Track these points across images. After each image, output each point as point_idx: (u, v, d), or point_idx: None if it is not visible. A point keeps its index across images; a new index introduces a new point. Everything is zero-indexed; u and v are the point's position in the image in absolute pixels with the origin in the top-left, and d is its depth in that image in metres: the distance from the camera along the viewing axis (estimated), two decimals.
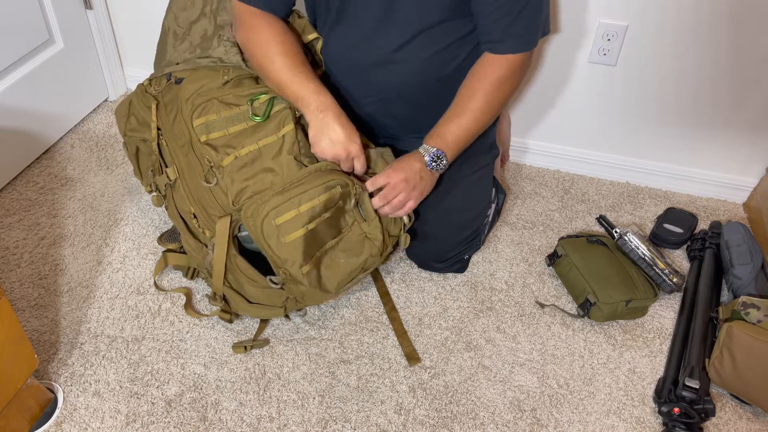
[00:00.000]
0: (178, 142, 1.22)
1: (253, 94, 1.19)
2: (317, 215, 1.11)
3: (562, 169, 1.75)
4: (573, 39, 1.51)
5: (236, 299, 1.22)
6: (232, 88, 1.21)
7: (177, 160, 1.22)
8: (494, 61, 1.19)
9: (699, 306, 1.32)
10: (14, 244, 1.44)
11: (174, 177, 1.23)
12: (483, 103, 1.20)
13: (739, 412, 1.20)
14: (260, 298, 1.21)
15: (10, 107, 1.57)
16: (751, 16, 1.37)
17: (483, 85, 1.19)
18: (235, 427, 1.13)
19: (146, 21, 1.80)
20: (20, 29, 1.56)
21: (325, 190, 1.11)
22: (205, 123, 1.17)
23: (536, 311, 1.36)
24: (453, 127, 1.21)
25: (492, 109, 1.22)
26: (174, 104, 1.23)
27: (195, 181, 1.19)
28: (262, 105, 1.19)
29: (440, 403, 1.19)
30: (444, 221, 1.35)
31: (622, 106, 1.60)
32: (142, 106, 1.29)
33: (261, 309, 1.23)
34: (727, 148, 1.60)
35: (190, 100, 1.20)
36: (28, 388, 1.07)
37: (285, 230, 1.09)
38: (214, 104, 1.18)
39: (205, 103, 1.18)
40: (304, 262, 1.11)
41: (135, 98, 1.32)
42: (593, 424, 1.17)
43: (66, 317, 1.30)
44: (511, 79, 1.20)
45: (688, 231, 1.52)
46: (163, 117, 1.25)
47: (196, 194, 1.19)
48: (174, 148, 1.23)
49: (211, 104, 1.18)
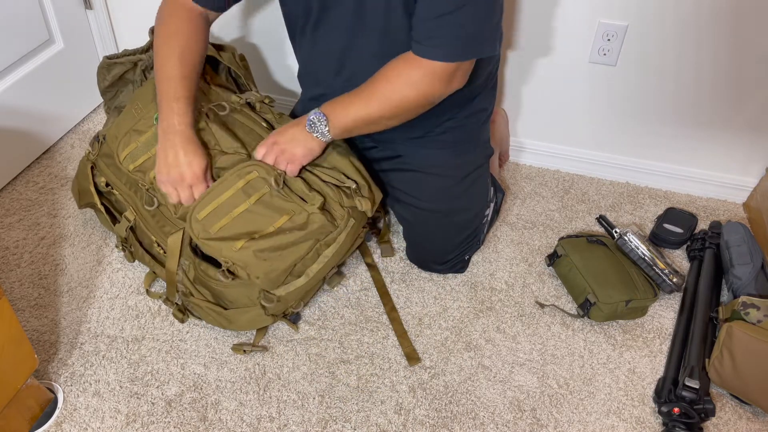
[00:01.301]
0: (125, 185, 1.29)
1: (155, 112, 1.23)
2: (240, 202, 1.15)
3: (562, 169, 1.75)
4: (573, 39, 1.51)
5: (216, 313, 1.23)
6: (142, 113, 1.27)
7: (131, 201, 1.29)
8: (411, 59, 1.09)
9: (699, 306, 1.32)
10: (14, 244, 1.44)
11: (132, 217, 1.29)
12: (381, 95, 1.12)
13: (739, 412, 1.20)
14: (236, 298, 1.20)
15: (10, 107, 1.57)
16: (751, 16, 1.37)
17: (389, 77, 1.11)
18: (235, 427, 1.13)
19: (146, 21, 1.80)
20: (20, 29, 1.56)
21: (240, 177, 1.15)
22: (129, 153, 1.24)
23: (536, 311, 1.36)
24: (350, 104, 1.14)
25: (389, 107, 1.12)
26: (109, 156, 1.30)
27: (150, 211, 1.26)
28: None
29: (440, 403, 1.19)
30: (442, 223, 1.35)
31: (622, 106, 1.60)
32: (84, 175, 1.36)
33: (244, 315, 1.21)
34: (727, 148, 1.60)
35: (117, 143, 1.27)
36: (28, 388, 1.07)
37: (210, 221, 1.14)
38: (132, 135, 1.25)
39: (124, 137, 1.25)
40: (238, 242, 1.13)
41: (80, 170, 1.39)
42: (593, 424, 1.17)
43: (66, 317, 1.30)
44: (422, 85, 1.10)
45: (688, 231, 1.52)
46: (106, 173, 1.32)
47: (152, 224, 1.26)
48: (124, 192, 1.29)
49: (129, 136, 1.25)
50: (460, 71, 1.10)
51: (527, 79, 1.62)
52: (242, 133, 1.25)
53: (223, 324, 1.24)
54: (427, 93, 1.11)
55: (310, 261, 1.19)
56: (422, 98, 1.12)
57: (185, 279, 1.23)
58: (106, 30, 1.81)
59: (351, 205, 1.21)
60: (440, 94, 1.12)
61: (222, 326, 1.24)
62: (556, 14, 1.48)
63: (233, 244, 1.13)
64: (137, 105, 1.28)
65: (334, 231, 1.20)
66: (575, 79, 1.58)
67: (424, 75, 1.09)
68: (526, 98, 1.65)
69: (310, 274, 1.19)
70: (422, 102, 1.13)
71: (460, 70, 1.10)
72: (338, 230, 1.20)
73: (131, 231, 1.32)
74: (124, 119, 1.28)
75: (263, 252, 1.14)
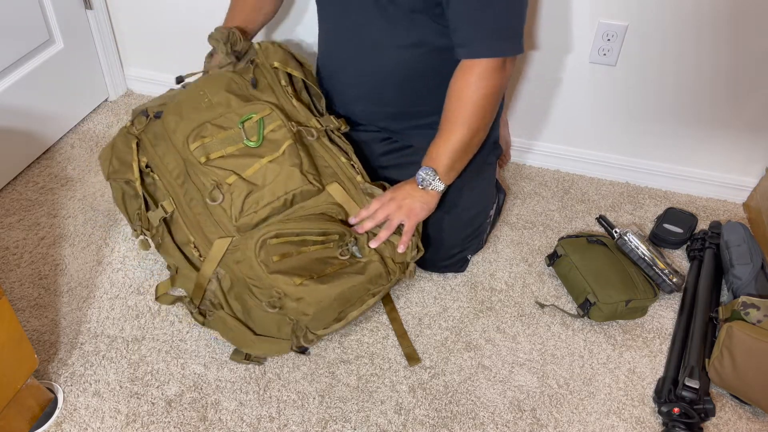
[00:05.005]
0: (172, 174, 1.23)
1: (242, 114, 1.21)
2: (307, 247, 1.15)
3: (562, 169, 1.75)
4: (573, 39, 1.51)
5: (241, 333, 1.18)
6: (222, 108, 1.23)
7: (173, 191, 1.22)
8: (464, 69, 1.19)
9: (699, 306, 1.32)
10: (14, 244, 1.44)
11: (171, 209, 1.22)
12: (460, 116, 1.20)
13: (739, 412, 1.20)
14: (267, 326, 1.16)
15: (10, 107, 1.57)
16: (751, 16, 1.37)
17: (461, 96, 1.19)
18: (235, 427, 1.13)
19: (146, 21, 1.80)
20: (20, 29, 1.56)
21: (321, 235, 1.16)
22: (201, 145, 1.19)
23: (536, 311, 1.36)
24: (440, 143, 1.22)
25: (474, 120, 1.20)
26: (161, 138, 1.24)
27: (194, 209, 1.20)
28: (254, 126, 1.21)
29: (440, 403, 1.19)
30: (448, 218, 1.35)
31: (622, 106, 1.60)
32: (125, 147, 1.29)
33: (268, 343, 1.18)
34: (727, 148, 1.60)
35: (180, 129, 1.21)
36: (28, 388, 1.07)
37: (276, 250, 1.12)
38: (207, 127, 1.20)
39: (198, 128, 1.20)
40: (297, 278, 1.11)
41: (118, 140, 1.31)
42: (593, 424, 1.17)
43: (66, 317, 1.30)
44: (485, 83, 1.18)
45: (688, 231, 1.52)
46: (150, 153, 1.25)
47: (195, 222, 1.19)
48: (169, 180, 1.23)
49: (203, 128, 1.20)
50: (508, 58, 1.20)
51: (527, 79, 1.62)
52: (320, 165, 1.24)
53: (239, 342, 1.18)
54: (494, 87, 1.19)
55: (353, 307, 1.18)
56: (491, 95, 1.20)
57: (218, 289, 1.18)
58: (106, 30, 1.81)
59: (402, 260, 1.22)
60: (503, 83, 1.21)
61: (237, 344, 1.19)
62: (555, 14, 1.48)
63: (292, 279, 1.10)
64: (203, 91, 1.24)
65: (387, 284, 1.20)
66: (575, 79, 1.58)
67: (481, 74, 1.17)
68: (526, 98, 1.65)
69: (349, 318, 1.18)
70: (494, 98, 1.21)
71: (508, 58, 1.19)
72: (389, 284, 1.21)
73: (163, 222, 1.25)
74: (188, 104, 1.24)
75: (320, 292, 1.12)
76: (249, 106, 1.23)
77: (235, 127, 1.20)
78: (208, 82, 1.28)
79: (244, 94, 1.26)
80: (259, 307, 1.14)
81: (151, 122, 1.27)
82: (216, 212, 1.17)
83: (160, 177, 1.24)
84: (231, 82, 1.27)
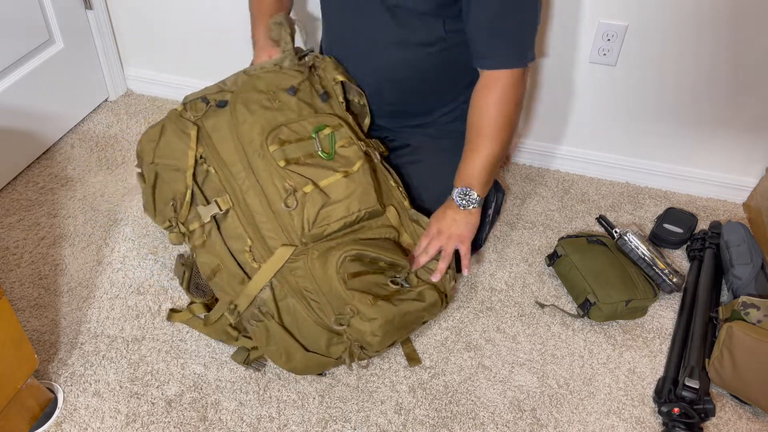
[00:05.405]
0: (231, 169, 1.16)
1: (316, 124, 1.19)
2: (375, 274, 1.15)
3: (562, 169, 1.75)
4: (573, 39, 1.51)
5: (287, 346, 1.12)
6: (293, 113, 1.20)
7: (231, 188, 1.16)
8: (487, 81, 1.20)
9: (699, 306, 1.32)
10: (14, 244, 1.44)
11: (226, 207, 1.15)
12: (488, 130, 1.21)
13: (739, 412, 1.20)
14: (317, 343, 1.12)
15: (10, 107, 1.57)
16: (751, 16, 1.37)
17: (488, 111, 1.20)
18: (235, 427, 1.13)
19: (146, 21, 1.80)
20: (20, 29, 1.56)
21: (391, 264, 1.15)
22: (281, 148, 1.15)
23: (536, 311, 1.36)
24: (473, 160, 1.23)
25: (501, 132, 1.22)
26: (225, 129, 1.18)
27: (254, 210, 1.14)
28: (326, 138, 1.19)
29: (440, 403, 1.19)
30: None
31: (622, 106, 1.60)
32: (177, 132, 1.21)
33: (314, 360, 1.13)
34: (727, 148, 1.60)
35: (250, 124, 1.17)
36: (28, 388, 1.07)
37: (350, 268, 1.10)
38: (284, 131, 1.17)
39: (275, 130, 1.16)
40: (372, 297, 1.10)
41: (168, 124, 1.23)
42: (593, 424, 1.17)
43: (66, 317, 1.30)
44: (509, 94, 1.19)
45: (688, 231, 1.52)
46: (207, 144, 1.19)
47: (253, 225, 1.14)
48: (226, 176, 1.17)
49: (280, 131, 1.17)
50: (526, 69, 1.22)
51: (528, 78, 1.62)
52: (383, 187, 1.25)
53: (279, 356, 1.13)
54: (520, 96, 1.21)
55: (406, 332, 1.19)
56: (518, 104, 1.22)
57: (271, 299, 1.12)
58: (106, 30, 1.81)
59: (444, 289, 1.22)
60: (524, 91, 1.23)
61: (274, 357, 1.14)
62: (556, 14, 1.48)
63: (368, 297, 1.09)
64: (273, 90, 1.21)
65: (438, 312, 1.21)
66: (575, 79, 1.58)
67: (507, 86, 1.19)
68: (526, 98, 1.65)
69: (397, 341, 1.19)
70: (519, 108, 1.23)
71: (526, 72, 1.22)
72: (440, 312, 1.22)
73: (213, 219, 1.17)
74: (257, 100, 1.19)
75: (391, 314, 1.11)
76: (320, 117, 1.21)
77: (310, 136, 1.18)
78: (276, 79, 1.23)
79: (311, 103, 1.23)
80: (313, 323, 1.10)
81: (211, 110, 1.20)
82: (283, 218, 1.13)
83: (216, 170, 1.17)
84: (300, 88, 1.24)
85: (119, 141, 1.75)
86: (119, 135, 1.78)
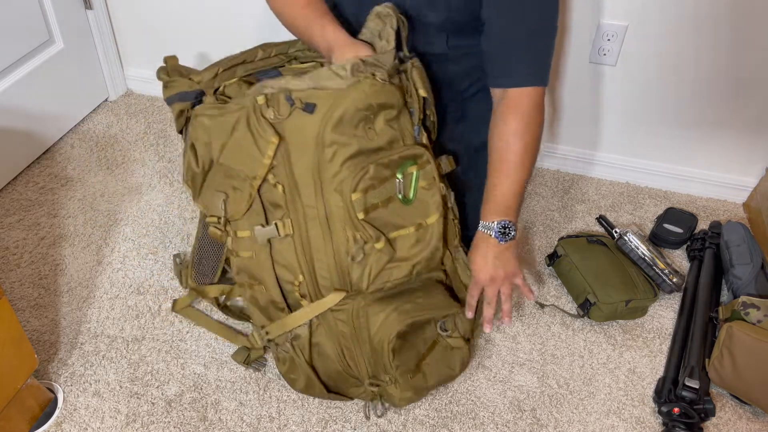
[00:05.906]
0: (302, 190, 1.03)
1: (405, 158, 1.05)
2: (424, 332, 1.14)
3: (562, 169, 1.75)
4: (573, 39, 1.51)
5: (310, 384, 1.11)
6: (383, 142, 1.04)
7: (295, 215, 1.04)
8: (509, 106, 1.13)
9: (699, 306, 1.32)
10: (14, 244, 1.44)
11: (285, 234, 1.04)
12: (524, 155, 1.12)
13: (739, 412, 1.20)
14: (341, 385, 1.13)
15: (10, 107, 1.57)
16: (751, 16, 1.37)
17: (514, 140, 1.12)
18: (235, 427, 1.13)
19: (146, 21, 1.80)
20: (20, 29, 1.56)
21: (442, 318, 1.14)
22: (363, 198, 1.01)
23: (536, 311, 1.36)
24: (504, 188, 1.13)
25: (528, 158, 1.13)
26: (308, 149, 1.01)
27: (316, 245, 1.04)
28: (409, 178, 1.06)
29: (440, 403, 1.19)
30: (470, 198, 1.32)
31: (622, 106, 1.60)
32: (254, 135, 1.01)
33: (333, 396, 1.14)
34: (727, 148, 1.60)
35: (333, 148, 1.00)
36: (28, 388, 1.07)
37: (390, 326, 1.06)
38: (370, 171, 1.01)
39: (362, 172, 1.00)
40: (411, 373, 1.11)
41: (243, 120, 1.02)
42: (593, 424, 1.17)
43: (66, 317, 1.30)
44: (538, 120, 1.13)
45: (688, 231, 1.52)
46: (282, 159, 1.02)
47: (310, 260, 1.05)
48: (293, 198, 1.03)
49: (367, 170, 1.00)
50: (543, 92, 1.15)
51: None
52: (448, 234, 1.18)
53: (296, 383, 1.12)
54: (543, 118, 1.15)
55: None
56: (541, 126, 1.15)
57: (307, 337, 1.09)
58: (106, 30, 1.81)
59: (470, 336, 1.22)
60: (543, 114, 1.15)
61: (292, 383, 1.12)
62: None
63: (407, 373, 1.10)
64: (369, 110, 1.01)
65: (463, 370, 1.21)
66: (575, 79, 1.58)
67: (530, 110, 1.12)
68: None
69: None
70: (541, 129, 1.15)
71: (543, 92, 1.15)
72: None
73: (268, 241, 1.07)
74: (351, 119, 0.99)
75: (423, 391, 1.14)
76: (409, 151, 1.05)
77: (395, 176, 1.04)
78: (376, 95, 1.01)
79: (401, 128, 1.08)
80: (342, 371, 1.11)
81: (295, 113, 1.00)
82: (342, 264, 1.04)
83: (285, 191, 1.03)
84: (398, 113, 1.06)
85: (119, 141, 1.75)
86: (119, 135, 1.78)
